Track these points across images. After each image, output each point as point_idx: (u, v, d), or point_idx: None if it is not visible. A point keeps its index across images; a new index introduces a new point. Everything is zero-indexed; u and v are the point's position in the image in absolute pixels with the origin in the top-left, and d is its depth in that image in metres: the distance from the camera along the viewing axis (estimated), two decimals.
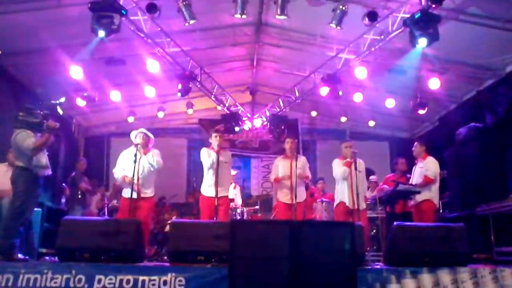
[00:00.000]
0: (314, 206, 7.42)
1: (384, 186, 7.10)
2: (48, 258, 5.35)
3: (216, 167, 5.73)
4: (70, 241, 4.26)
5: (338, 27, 6.29)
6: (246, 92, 10.19)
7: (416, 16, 5.71)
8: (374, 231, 7.04)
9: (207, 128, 10.09)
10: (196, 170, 9.09)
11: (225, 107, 9.58)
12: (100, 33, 5.69)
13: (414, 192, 6.10)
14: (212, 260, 4.23)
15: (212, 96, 9.07)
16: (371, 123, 10.21)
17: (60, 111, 5.34)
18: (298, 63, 8.69)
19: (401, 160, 7.45)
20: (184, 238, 4.40)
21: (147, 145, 5.81)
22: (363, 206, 5.78)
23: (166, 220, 7.82)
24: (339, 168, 5.91)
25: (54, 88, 7.34)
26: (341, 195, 5.94)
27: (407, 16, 5.96)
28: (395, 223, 4.55)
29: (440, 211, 7.33)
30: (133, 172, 5.39)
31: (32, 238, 5.29)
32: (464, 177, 7.11)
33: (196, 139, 10.84)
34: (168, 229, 7.29)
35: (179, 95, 8.15)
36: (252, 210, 7.92)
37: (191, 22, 6.29)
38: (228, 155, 6.30)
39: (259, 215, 8.10)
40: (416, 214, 6.23)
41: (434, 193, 6.17)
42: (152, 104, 9.70)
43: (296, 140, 6.53)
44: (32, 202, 4.81)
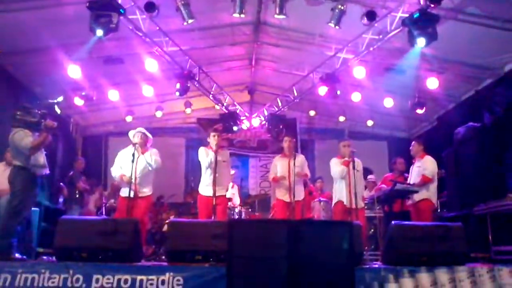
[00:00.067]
0: (312, 206, 7.43)
1: (382, 185, 7.10)
2: (46, 257, 5.32)
3: (214, 166, 5.71)
4: (67, 240, 4.24)
5: (337, 27, 6.29)
6: (245, 92, 10.18)
7: (415, 16, 5.71)
8: (372, 230, 7.05)
9: (205, 127, 10.09)
10: (194, 170, 9.08)
11: (223, 107, 9.57)
12: (98, 32, 5.67)
13: (412, 191, 6.10)
14: (210, 259, 4.22)
15: (211, 95, 9.06)
16: (370, 123, 10.22)
17: (58, 110, 5.32)
18: (296, 63, 8.69)
19: (399, 160, 7.45)
20: (182, 237, 4.38)
21: (145, 144, 5.80)
22: (361, 205, 5.78)
23: (164, 220, 7.80)
24: (337, 167, 5.92)
25: (52, 87, 7.32)
26: (339, 194, 5.94)
27: (406, 15, 5.96)
28: (393, 222, 4.55)
29: (438, 211, 7.34)
30: (131, 171, 5.39)
31: (30, 237, 5.28)
32: (462, 176, 7.11)
33: (194, 139, 10.84)
34: (166, 228, 7.27)
35: (178, 95, 8.14)
36: (250, 210, 7.91)
37: (190, 21, 6.28)
38: (227, 154, 6.29)
39: (257, 214, 8.09)
40: (414, 213, 6.22)
41: (432, 192, 6.17)
42: (150, 103, 9.69)
43: (294, 139, 6.53)
44: (30, 202, 4.81)
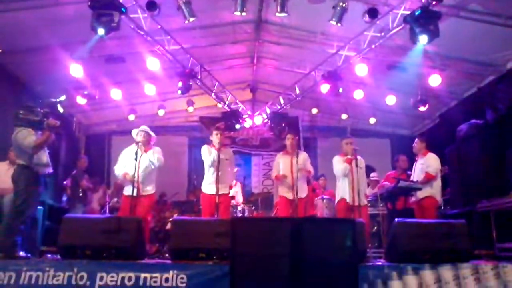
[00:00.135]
0: (315, 203, 7.43)
1: (385, 183, 7.09)
2: (50, 256, 5.35)
3: (217, 164, 5.71)
4: (71, 238, 4.26)
5: (339, 24, 6.28)
6: (247, 90, 10.19)
7: (417, 13, 5.70)
8: (376, 227, 7.05)
9: (207, 125, 10.10)
10: (197, 168, 9.11)
11: (225, 105, 9.58)
12: (100, 31, 5.68)
13: (415, 188, 6.08)
14: (214, 257, 4.22)
15: (213, 93, 9.07)
16: (372, 120, 10.21)
17: (60, 109, 5.34)
18: (298, 61, 8.68)
19: (402, 157, 7.43)
20: (185, 235, 4.38)
21: (148, 143, 5.81)
22: (364, 202, 5.79)
23: (167, 218, 7.83)
24: (340, 165, 5.91)
25: (54, 86, 7.32)
26: (342, 192, 5.93)
27: (408, 13, 5.95)
28: (396, 219, 4.54)
29: (441, 208, 7.33)
30: (134, 169, 5.40)
31: (35, 236, 5.29)
32: (465, 173, 7.11)
33: (196, 137, 10.86)
34: (169, 227, 7.33)
35: (180, 93, 8.15)
36: (252, 208, 7.92)
37: (191, 19, 6.28)
38: (229, 152, 6.30)
39: (260, 212, 8.10)
40: (418, 211, 6.21)
41: (436, 189, 6.15)
42: (153, 102, 9.70)
43: (297, 136, 6.52)
44: (34, 200, 4.81)
